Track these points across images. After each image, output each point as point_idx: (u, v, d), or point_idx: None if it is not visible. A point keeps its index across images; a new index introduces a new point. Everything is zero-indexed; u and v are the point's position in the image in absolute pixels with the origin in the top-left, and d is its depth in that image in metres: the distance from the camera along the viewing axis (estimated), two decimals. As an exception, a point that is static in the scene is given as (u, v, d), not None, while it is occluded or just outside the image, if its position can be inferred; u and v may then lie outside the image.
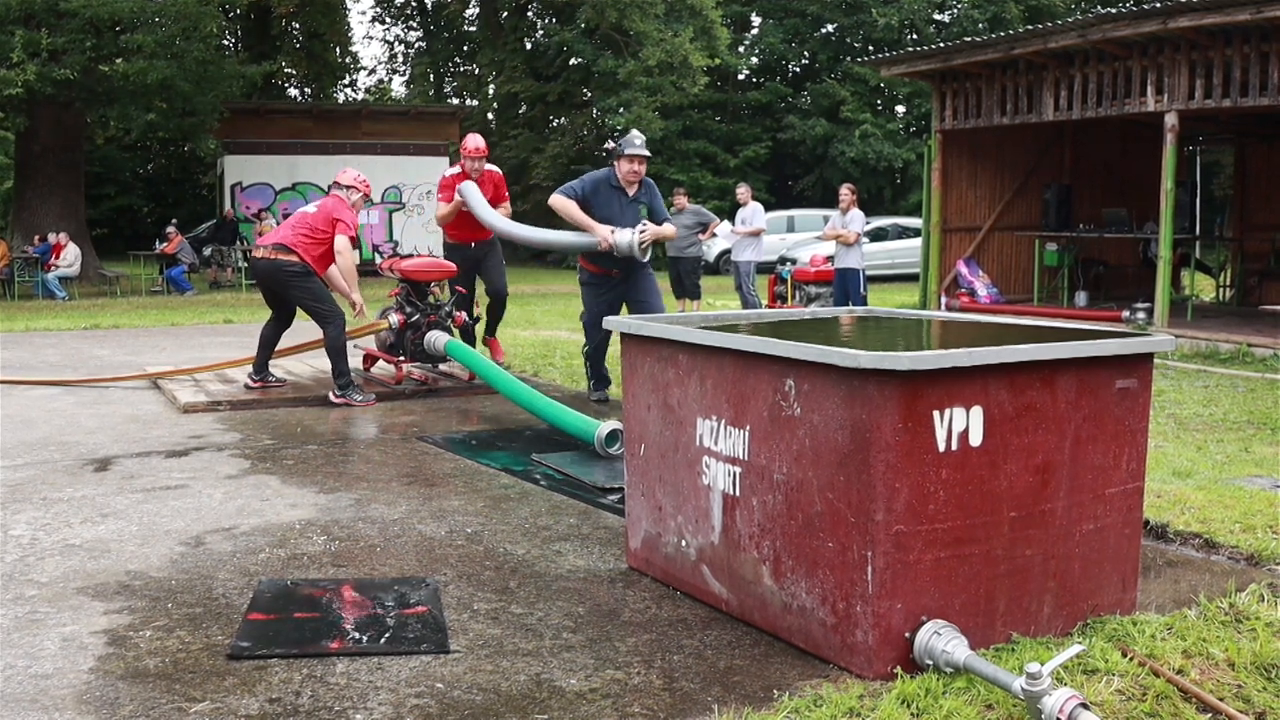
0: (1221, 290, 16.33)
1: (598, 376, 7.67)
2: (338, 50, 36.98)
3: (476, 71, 38.14)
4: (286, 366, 8.82)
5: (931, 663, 2.95)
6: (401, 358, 8.03)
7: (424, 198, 25.37)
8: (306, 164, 24.36)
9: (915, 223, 22.20)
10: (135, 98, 20.49)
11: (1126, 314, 12.40)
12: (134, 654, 3.19)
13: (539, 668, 3.10)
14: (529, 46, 34.37)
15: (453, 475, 5.48)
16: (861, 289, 12.25)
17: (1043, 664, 2.66)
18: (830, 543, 3.05)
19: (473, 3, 37.65)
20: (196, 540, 4.34)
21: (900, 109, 35.69)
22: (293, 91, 37.24)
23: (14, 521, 4.59)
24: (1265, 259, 15.22)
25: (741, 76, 37.12)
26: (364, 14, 75.77)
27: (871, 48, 33.32)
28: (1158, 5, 10.53)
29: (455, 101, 37.97)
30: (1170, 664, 3.05)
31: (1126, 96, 11.64)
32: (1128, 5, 12.17)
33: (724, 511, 3.47)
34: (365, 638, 3.31)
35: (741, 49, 35.73)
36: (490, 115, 36.65)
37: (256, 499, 4.99)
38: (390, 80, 43.68)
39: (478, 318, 8.81)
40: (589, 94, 32.86)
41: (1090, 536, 3.31)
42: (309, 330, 8.15)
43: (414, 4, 40.85)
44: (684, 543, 3.68)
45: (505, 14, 35.29)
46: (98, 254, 23.91)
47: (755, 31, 37.37)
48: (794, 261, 16.49)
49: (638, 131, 7.28)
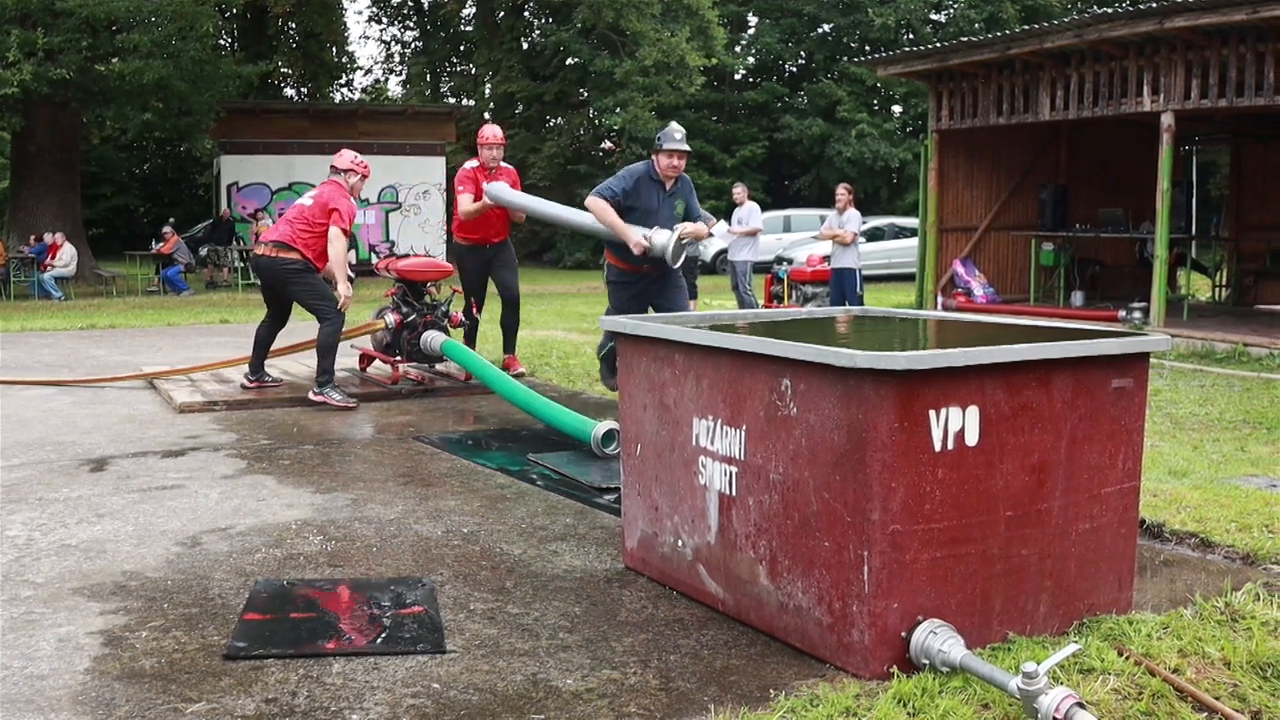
0: (1217, 290, 16.35)
1: (613, 370, 7.63)
2: (334, 50, 36.87)
3: (473, 71, 38.12)
4: (282, 366, 8.81)
5: (928, 662, 2.96)
6: (398, 358, 8.03)
7: (420, 198, 25.30)
8: (303, 164, 24.30)
9: (912, 222, 22.18)
10: (131, 97, 20.46)
11: (1122, 314, 12.40)
12: (130, 654, 3.18)
13: (535, 668, 3.10)
14: (525, 46, 34.33)
15: (449, 475, 5.48)
16: (858, 289, 12.26)
17: (1039, 663, 2.66)
18: (826, 542, 3.06)
19: (469, 2, 37.62)
20: (193, 540, 4.34)
21: (897, 109, 35.75)
22: (289, 91, 37.16)
23: (10, 522, 4.58)
24: (1261, 259, 15.24)
25: (738, 76, 37.14)
26: (360, 14, 75.87)
27: (868, 48, 33.35)
28: (1154, 5, 10.54)
29: (452, 101, 37.96)
30: (1166, 663, 3.05)
31: (1123, 96, 11.65)
32: (1124, 5, 12.19)
33: (720, 511, 3.47)
34: (362, 638, 3.31)
35: (738, 49, 35.76)
36: (487, 115, 36.53)
37: (253, 499, 4.99)
38: (387, 80, 43.64)
39: (476, 320, 8.77)
40: (585, 94, 32.82)
41: (1086, 536, 3.31)
42: (306, 330, 8.14)
43: (410, 4, 40.79)
44: (680, 542, 3.68)
45: (502, 14, 35.27)
46: (94, 254, 23.88)
47: (752, 31, 37.39)
48: (790, 261, 16.51)
49: (678, 125, 7.07)
